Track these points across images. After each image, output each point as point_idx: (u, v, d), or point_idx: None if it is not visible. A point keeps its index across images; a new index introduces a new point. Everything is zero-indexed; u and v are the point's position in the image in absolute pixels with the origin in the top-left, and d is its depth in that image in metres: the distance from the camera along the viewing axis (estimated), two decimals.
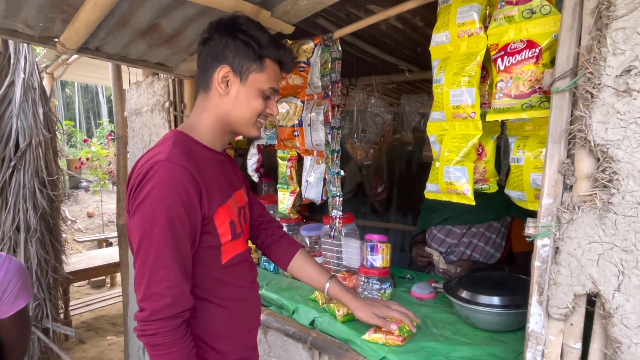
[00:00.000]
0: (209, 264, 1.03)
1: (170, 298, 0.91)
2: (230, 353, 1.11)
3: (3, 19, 1.56)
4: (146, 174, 0.92)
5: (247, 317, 1.16)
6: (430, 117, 1.21)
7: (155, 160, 0.93)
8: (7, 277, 1.08)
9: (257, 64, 1.04)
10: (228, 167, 1.17)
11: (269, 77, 1.06)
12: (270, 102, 1.10)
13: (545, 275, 0.90)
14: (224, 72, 1.03)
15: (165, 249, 0.90)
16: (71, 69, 3.66)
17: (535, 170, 1.05)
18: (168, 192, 0.90)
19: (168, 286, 0.91)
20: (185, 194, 0.92)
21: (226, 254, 1.05)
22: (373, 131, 2.23)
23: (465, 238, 1.87)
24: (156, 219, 0.90)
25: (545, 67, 0.96)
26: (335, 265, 1.81)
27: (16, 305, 1.11)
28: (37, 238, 2.74)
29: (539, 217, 0.91)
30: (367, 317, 1.26)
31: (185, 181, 0.92)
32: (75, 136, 12.31)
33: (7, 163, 2.68)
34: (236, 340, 1.12)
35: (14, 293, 1.10)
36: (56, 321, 3.00)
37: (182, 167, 0.93)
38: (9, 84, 2.70)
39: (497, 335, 1.34)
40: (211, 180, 1.01)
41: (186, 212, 0.92)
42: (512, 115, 1.02)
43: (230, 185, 1.13)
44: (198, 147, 1.05)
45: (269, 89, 1.07)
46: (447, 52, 1.15)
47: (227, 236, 1.04)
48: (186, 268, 0.95)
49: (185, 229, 0.93)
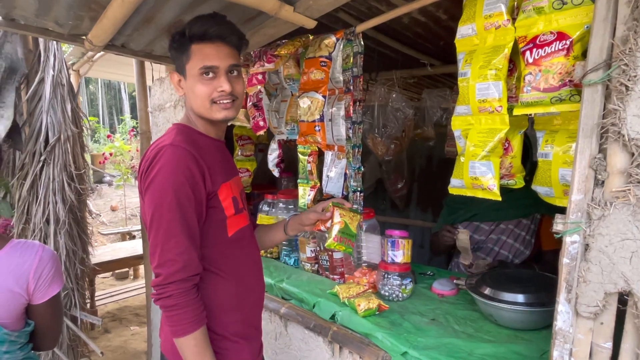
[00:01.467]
0: (217, 237, 1.13)
1: (181, 262, 1.00)
2: (232, 325, 1.17)
3: (35, 17, 1.61)
4: (154, 158, 1.04)
5: (249, 292, 1.22)
6: (455, 111, 1.19)
7: (162, 145, 1.05)
8: (41, 264, 1.12)
9: (185, 56, 1.10)
10: (225, 154, 1.26)
11: (197, 59, 1.08)
12: (217, 81, 1.10)
13: (574, 273, 0.88)
14: (175, 77, 1.16)
15: (174, 221, 1.00)
16: (96, 66, 3.76)
17: (564, 165, 1.02)
18: (174, 171, 1.01)
19: (179, 252, 1.00)
20: (189, 172, 1.02)
21: (231, 227, 1.15)
22: (394, 126, 2.21)
23: (494, 235, 1.84)
24: (165, 195, 1.00)
25: (577, 59, 0.93)
26: (355, 260, 1.81)
27: (50, 292, 1.16)
28: (65, 230, 2.83)
29: (568, 213, 0.89)
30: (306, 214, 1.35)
31: (188, 161, 1.02)
32: (99, 132, 12.62)
33: (38, 157, 2.78)
34: (238, 313, 1.18)
35: (47, 279, 1.14)
36: (83, 310, 3.11)
37: (185, 149, 1.03)
38: (39, 80, 2.79)
39: (521, 334, 1.32)
40: (213, 162, 1.11)
41: (191, 189, 1.02)
42: (540, 109, 0.99)
43: (230, 169, 1.23)
44: (199, 135, 1.15)
45: (200, 69, 1.08)
46: (473, 45, 1.13)
47: (230, 209, 1.14)
48: (194, 238, 1.04)
49: (191, 203, 1.02)
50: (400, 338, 1.29)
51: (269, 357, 1.82)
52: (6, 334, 1.11)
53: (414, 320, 1.42)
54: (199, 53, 1.08)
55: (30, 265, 1.11)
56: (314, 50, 1.60)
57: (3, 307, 1.09)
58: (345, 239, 1.24)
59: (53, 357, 2.92)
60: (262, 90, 1.86)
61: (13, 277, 1.09)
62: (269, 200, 2.16)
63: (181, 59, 1.11)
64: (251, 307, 1.24)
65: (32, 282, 1.11)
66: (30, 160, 2.79)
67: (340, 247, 1.25)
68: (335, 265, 1.84)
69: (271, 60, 1.72)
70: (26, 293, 1.11)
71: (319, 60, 1.58)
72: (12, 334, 1.13)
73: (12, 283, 1.09)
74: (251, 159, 2.51)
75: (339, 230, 1.25)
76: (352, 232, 1.25)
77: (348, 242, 1.25)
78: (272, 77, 1.97)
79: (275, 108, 1.97)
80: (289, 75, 1.83)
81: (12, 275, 1.08)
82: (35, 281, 1.11)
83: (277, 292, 1.80)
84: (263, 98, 1.87)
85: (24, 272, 1.10)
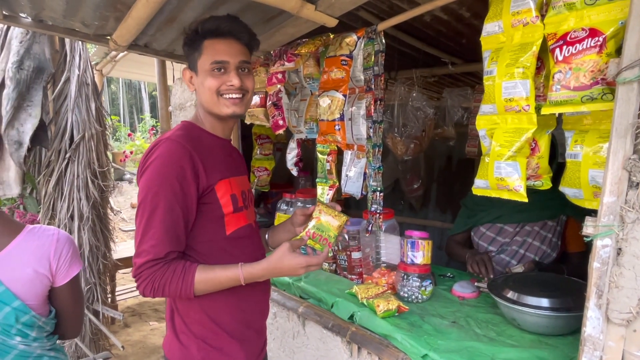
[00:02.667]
0: (215, 234, 1.12)
1: (153, 255, 1.01)
2: (229, 323, 1.15)
3: (62, 18, 1.65)
4: (150, 150, 1.07)
5: (250, 293, 1.18)
6: (479, 110, 1.16)
7: (160, 139, 1.08)
8: (59, 246, 1.17)
9: (197, 52, 1.12)
10: (232, 153, 1.26)
11: (209, 55, 1.10)
12: (226, 76, 1.11)
13: (605, 278, 0.85)
14: (187, 74, 1.17)
15: (155, 213, 1.01)
16: (118, 66, 3.84)
17: (594, 166, 0.99)
18: (164, 164, 1.03)
19: (153, 244, 1.01)
20: (179, 167, 1.03)
21: (230, 225, 1.14)
22: (414, 125, 2.18)
23: (519, 237, 1.80)
24: (151, 187, 1.02)
25: (610, 56, 0.90)
26: (374, 261, 1.80)
27: (71, 272, 1.20)
28: (89, 226, 2.90)
29: (599, 215, 0.86)
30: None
31: (181, 156, 1.03)
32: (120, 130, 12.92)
33: (63, 155, 2.86)
34: (238, 313, 1.17)
35: (67, 260, 1.18)
36: (105, 305, 3.18)
37: (180, 144, 1.05)
38: (65, 80, 2.87)
39: (545, 339, 1.29)
40: (212, 159, 1.11)
41: (179, 182, 1.02)
42: (570, 109, 0.96)
43: (235, 168, 1.22)
44: (203, 133, 1.16)
45: (211, 64, 1.10)
46: (500, 42, 1.11)
47: (229, 207, 1.12)
48: (174, 232, 1.03)
49: (177, 198, 1.02)
50: (420, 340, 1.27)
51: (287, 355, 1.82)
52: (34, 316, 1.14)
53: (434, 322, 1.40)
54: (210, 48, 1.10)
55: (49, 246, 1.15)
56: (335, 49, 1.60)
57: (29, 289, 1.13)
58: (320, 236, 1.20)
59: (76, 349, 3.00)
60: (281, 89, 1.86)
61: (35, 258, 1.12)
62: (287, 199, 2.17)
63: (193, 55, 1.13)
64: (253, 310, 1.22)
65: (53, 263, 1.15)
66: (55, 158, 2.87)
67: (312, 242, 1.20)
68: (353, 265, 1.83)
69: (291, 59, 1.72)
70: (50, 273, 1.15)
71: (339, 58, 1.57)
72: (40, 318, 1.16)
73: (36, 264, 1.12)
74: (270, 157, 2.53)
75: (313, 225, 1.21)
76: (330, 230, 1.21)
77: (324, 240, 1.20)
78: (292, 76, 1.97)
79: (295, 107, 1.98)
80: (308, 74, 1.83)
81: (33, 257, 1.12)
82: (56, 262, 1.16)
83: (295, 291, 1.80)
84: (283, 97, 1.88)
85: (44, 253, 1.14)
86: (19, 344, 1.13)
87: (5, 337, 1.11)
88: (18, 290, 1.10)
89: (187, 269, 1.04)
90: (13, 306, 1.10)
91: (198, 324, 1.13)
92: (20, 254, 1.11)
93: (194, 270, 1.04)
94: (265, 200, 2.89)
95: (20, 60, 2.65)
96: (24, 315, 1.12)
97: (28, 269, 1.11)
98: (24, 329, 1.13)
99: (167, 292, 1.03)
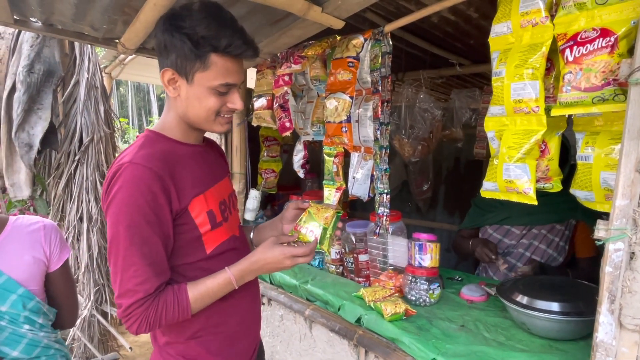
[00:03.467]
0: (194, 255, 1.04)
1: (142, 293, 0.93)
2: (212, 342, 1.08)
3: (71, 22, 1.67)
4: (112, 177, 0.95)
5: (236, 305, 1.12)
6: (488, 111, 1.15)
7: (121, 163, 0.95)
8: (47, 232, 1.23)
9: (199, 63, 0.95)
10: (209, 157, 1.15)
11: (218, 73, 0.97)
12: (230, 97, 1.02)
13: (617, 282, 0.83)
14: (168, 76, 0.99)
15: (132, 248, 0.91)
16: (127, 69, 3.87)
17: (606, 168, 0.97)
18: (132, 193, 0.91)
19: (138, 282, 0.92)
20: (150, 193, 0.92)
21: (209, 244, 1.05)
22: (422, 127, 2.17)
23: (525, 239, 1.78)
24: (122, 220, 0.91)
25: (622, 57, 0.88)
26: (381, 264, 1.78)
27: (62, 257, 1.26)
28: (97, 227, 2.93)
29: (611, 219, 0.84)
30: None
31: (149, 181, 0.92)
32: (129, 133, 13.03)
33: (73, 157, 2.89)
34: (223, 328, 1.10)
35: (57, 245, 1.24)
36: (113, 306, 3.20)
37: (146, 167, 0.93)
38: (75, 83, 2.90)
39: (556, 344, 1.27)
40: (183, 174, 1.01)
41: (152, 211, 0.93)
42: (581, 110, 0.95)
43: (212, 176, 1.11)
44: (169, 143, 1.04)
45: (220, 86, 0.98)
46: (508, 43, 1.09)
47: (206, 226, 1.03)
48: (158, 264, 0.95)
49: (153, 227, 0.93)
50: (428, 344, 1.26)
51: (294, 358, 1.82)
52: (39, 302, 1.19)
53: (443, 326, 1.38)
54: (220, 67, 0.97)
55: (39, 233, 1.21)
56: (342, 51, 1.59)
57: (30, 275, 1.17)
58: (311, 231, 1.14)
59: (85, 350, 3.02)
60: (288, 91, 1.86)
61: (29, 245, 1.18)
62: (294, 201, 2.16)
63: (193, 63, 0.96)
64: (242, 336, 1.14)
65: (46, 248, 1.21)
66: (65, 160, 2.91)
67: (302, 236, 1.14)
68: (360, 268, 1.82)
69: (298, 62, 1.72)
70: (45, 258, 1.21)
71: (346, 60, 1.57)
72: (44, 304, 1.21)
73: (31, 250, 1.18)
74: (277, 159, 2.53)
75: (302, 219, 1.17)
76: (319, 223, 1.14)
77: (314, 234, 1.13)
78: (299, 79, 1.97)
79: (302, 109, 1.97)
80: (315, 77, 1.82)
81: (28, 244, 1.18)
82: (48, 246, 1.21)
83: (301, 294, 1.80)
84: (289, 99, 1.88)
85: (36, 239, 1.20)
86: (27, 332, 1.18)
87: (15, 326, 1.15)
88: (19, 277, 1.15)
89: (178, 293, 0.97)
90: (18, 293, 1.14)
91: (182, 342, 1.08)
92: (14, 243, 1.16)
93: (185, 291, 0.98)
94: (272, 202, 2.89)
95: (31, 64, 2.69)
96: (29, 301, 1.17)
97: (26, 256, 1.16)
98: (31, 316, 1.18)
99: (163, 323, 0.96)
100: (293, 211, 1.25)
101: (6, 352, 1.14)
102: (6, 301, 1.13)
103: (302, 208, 1.23)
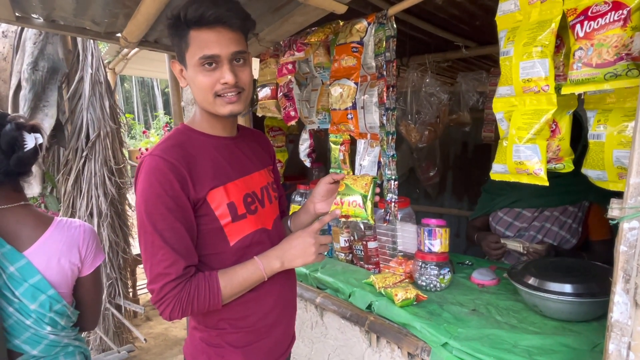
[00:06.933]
0: (218, 246, 1.05)
1: (173, 275, 0.96)
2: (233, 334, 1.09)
3: (73, 17, 1.67)
4: (137, 170, 1.01)
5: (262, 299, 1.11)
6: (496, 92, 1.13)
7: (144, 156, 1.01)
8: (86, 236, 1.23)
9: (184, 43, 0.99)
10: (240, 149, 1.14)
11: (196, 47, 0.97)
12: (219, 71, 0.99)
13: (632, 261, 0.82)
14: (176, 67, 1.06)
15: (156, 234, 0.95)
16: (130, 64, 3.87)
17: (619, 146, 0.95)
18: (151, 183, 0.96)
19: (167, 265, 0.95)
20: (167, 182, 0.96)
21: (232, 236, 1.06)
22: (428, 112, 2.14)
23: (537, 222, 1.76)
24: (144, 209, 0.96)
25: (635, 30, 0.85)
26: (390, 250, 1.78)
27: (95, 262, 1.26)
28: (108, 222, 2.96)
29: (625, 197, 0.82)
30: None
31: (165, 170, 0.96)
32: (135, 128, 13.09)
33: (80, 153, 2.91)
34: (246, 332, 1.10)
35: (93, 250, 1.25)
36: (127, 299, 3.25)
37: (161, 158, 0.97)
38: (79, 79, 2.90)
39: (569, 325, 1.26)
40: (203, 165, 1.03)
41: (170, 198, 0.96)
42: (592, 87, 0.92)
43: (240, 168, 1.11)
44: (195, 135, 1.07)
45: (200, 59, 0.97)
46: (516, 21, 1.07)
47: (226, 218, 1.04)
48: (183, 247, 0.98)
49: (174, 213, 0.96)
50: (440, 328, 1.26)
51: (306, 345, 1.83)
52: (65, 305, 1.20)
53: (454, 310, 1.38)
54: (197, 40, 0.97)
55: (78, 237, 1.21)
56: (345, 36, 1.57)
57: (62, 278, 1.19)
58: (354, 202, 1.15)
59: (101, 343, 3.08)
60: (292, 80, 1.84)
61: (67, 248, 1.19)
62: (302, 191, 2.16)
63: (180, 46, 1.00)
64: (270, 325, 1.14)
65: (82, 252, 1.22)
66: (73, 156, 2.93)
67: (346, 210, 1.14)
68: (369, 255, 1.82)
69: (301, 49, 1.70)
70: (79, 262, 1.21)
71: (350, 46, 1.54)
72: (69, 307, 1.22)
73: (68, 254, 1.19)
74: (282, 149, 2.52)
75: (339, 193, 1.17)
76: (358, 192, 1.14)
77: (357, 205, 1.14)
78: (302, 67, 1.95)
79: (306, 98, 1.96)
80: (319, 64, 1.80)
81: (66, 247, 1.19)
82: (84, 252, 1.22)
83: (311, 282, 1.80)
84: (293, 88, 1.86)
85: (74, 243, 1.20)
86: (49, 334, 1.19)
87: (38, 327, 1.16)
88: (52, 279, 1.16)
89: (209, 279, 0.99)
90: (48, 294, 1.15)
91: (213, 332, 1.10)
92: (53, 244, 1.17)
93: (216, 276, 1.00)
94: None
95: (35, 61, 2.69)
96: (57, 303, 1.18)
97: (62, 259, 1.17)
98: (55, 317, 1.19)
99: (195, 308, 0.98)
100: (325, 186, 1.26)
101: (26, 350, 1.15)
102: (36, 300, 1.14)
103: (337, 180, 1.24)
